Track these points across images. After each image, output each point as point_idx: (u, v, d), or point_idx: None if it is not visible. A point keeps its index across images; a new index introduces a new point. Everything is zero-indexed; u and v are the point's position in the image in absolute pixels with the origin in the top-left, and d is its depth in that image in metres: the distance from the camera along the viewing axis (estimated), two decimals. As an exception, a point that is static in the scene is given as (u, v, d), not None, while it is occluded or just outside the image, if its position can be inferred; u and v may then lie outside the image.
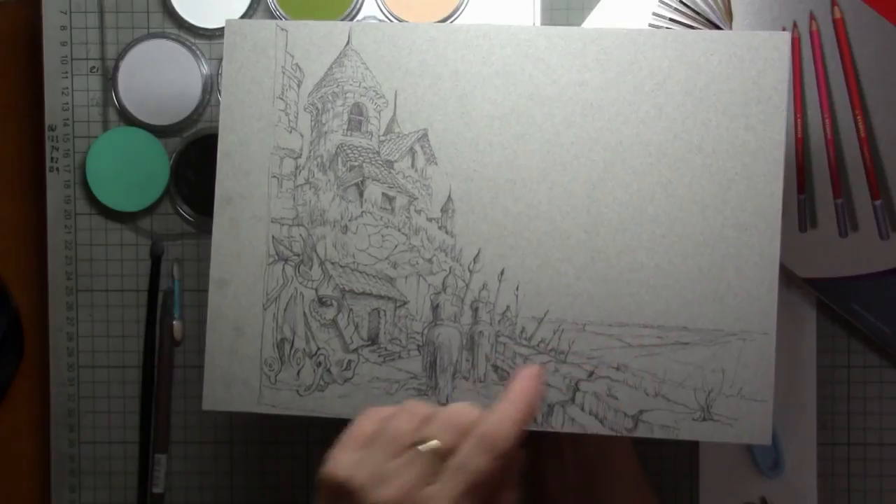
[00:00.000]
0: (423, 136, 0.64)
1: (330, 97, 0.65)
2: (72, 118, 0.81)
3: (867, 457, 0.81)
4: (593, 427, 0.62)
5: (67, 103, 0.81)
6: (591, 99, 0.63)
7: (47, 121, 0.80)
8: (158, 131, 0.80)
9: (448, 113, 0.64)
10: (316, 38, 0.64)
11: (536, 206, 0.63)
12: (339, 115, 0.65)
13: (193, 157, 0.80)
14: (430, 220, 0.64)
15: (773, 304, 0.62)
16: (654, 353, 0.62)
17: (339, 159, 0.65)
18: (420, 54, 0.64)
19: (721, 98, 0.62)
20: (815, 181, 0.78)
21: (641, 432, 0.62)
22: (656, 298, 0.62)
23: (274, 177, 0.65)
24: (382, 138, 0.64)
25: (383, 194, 0.64)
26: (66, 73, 0.80)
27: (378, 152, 0.64)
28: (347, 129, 0.65)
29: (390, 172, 0.64)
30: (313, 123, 0.65)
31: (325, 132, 0.65)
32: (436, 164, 0.64)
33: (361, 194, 0.64)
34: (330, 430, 0.82)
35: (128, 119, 0.80)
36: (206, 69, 0.80)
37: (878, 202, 0.78)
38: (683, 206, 0.62)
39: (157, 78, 0.80)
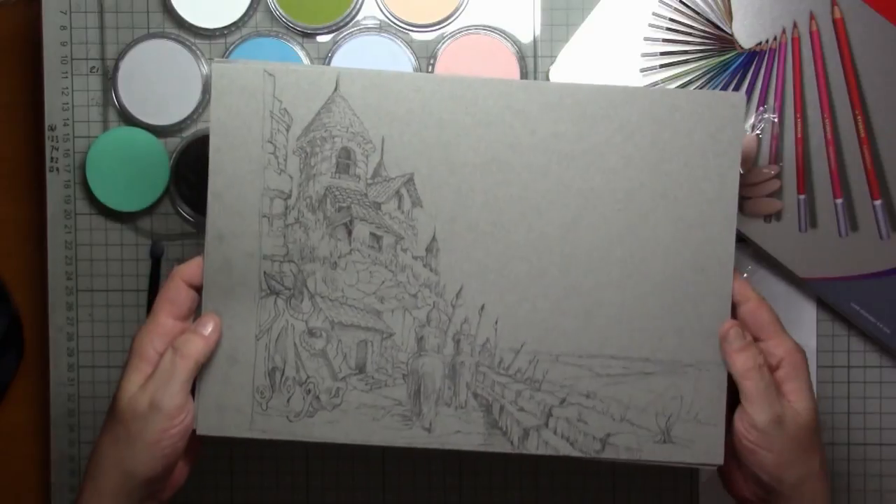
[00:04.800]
0: (410, 181, 0.67)
1: (318, 141, 0.67)
2: (72, 118, 0.81)
3: (867, 457, 0.81)
4: (565, 449, 0.67)
5: (67, 103, 0.81)
6: (565, 149, 0.67)
7: (47, 121, 0.80)
8: (158, 131, 0.80)
9: (433, 159, 0.66)
10: (304, 84, 0.66)
11: (515, 246, 0.67)
12: (328, 158, 0.67)
13: (193, 157, 0.80)
14: (415, 258, 0.67)
15: None
16: (620, 382, 0.67)
17: (328, 200, 0.67)
18: (406, 103, 0.66)
19: (683, 151, 0.66)
20: (815, 181, 0.78)
21: (609, 454, 0.67)
22: (622, 332, 0.67)
23: (265, 216, 0.67)
24: (370, 181, 0.67)
25: (371, 234, 0.67)
26: (66, 73, 0.80)
27: (366, 194, 0.67)
28: (336, 172, 0.67)
29: (378, 213, 0.67)
30: (302, 166, 0.67)
31: (314, 174, 0.67)
32: (421, 206, 0.67)
33: (350, 233, 0.67)
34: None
35: (128, 119, 0.80)
36: (206, 69, 0.80)
37: (878, 202, 0.78)
38: (647, 249, 0.67)
39: (157, 78, 0.80)
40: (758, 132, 0.78)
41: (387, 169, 0.66)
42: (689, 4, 0.79)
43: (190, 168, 0.80)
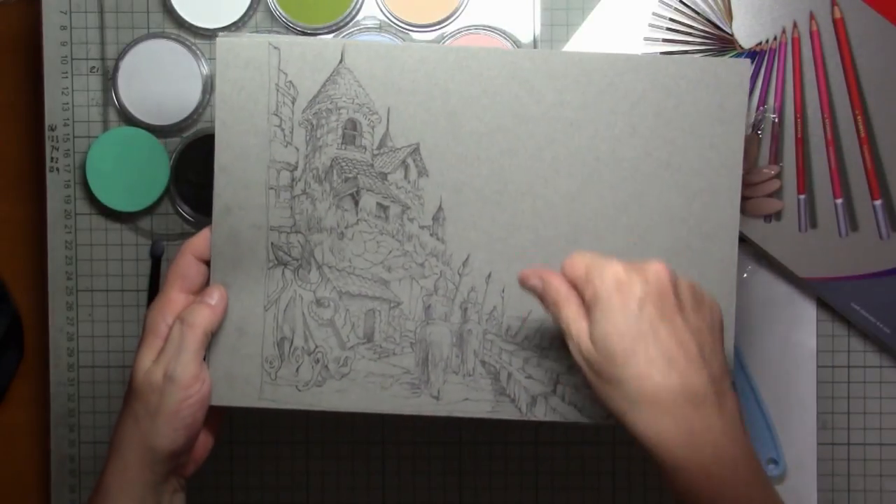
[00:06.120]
0: (415, 150, 0.67)
1: (324, 113, 0.67)
2: (72, 118, 0.81)
3: (867, 457, 0.81)
4: (572, 416, 0.67)
5: (67, 103, 0.81)
6: (571, 118, 0.67)
7: (47, 121, 0.80)
8: (158, 131, 0.80)
9: (439, 129, 0.67)
10: (309, 57, 0.66)
11: (521, 215, 0.67)
12: (334, 129, 0.67)
13: (193, 157, 0.80)
14: (422, 227, 0.67)
15: (732, 306, 0.67)
16: None
17: (335, 171, 0.67)
18: (411, 73, 0.66)
19: (688, 119, 0.66)
20: (815, 181, 0.78)
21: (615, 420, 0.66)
22: None
23: (271, 188, 0.67)
24: (376, 152, 0.67)
25: (378, 203, 0.67)
26: (66, 73, 0.80)
27: (372, 165, 0.67)
28: (342, 143, 0.67)
29: (384, 183, 0.67)
30: (308, 138, 0.67)
31: (320, 146, 0.67)
32: (427, 176, 0.67)
33: (357, 203, 0.67)
34: (329, 430, 0.82)
35: (128, 119, 0.80)
36: (206, 69, 0.80)
37: (878, 202, 0.78)
38: (653, 217, 0.67)
39: (157, 78, 0.80)
40: (758, 132, 0.78)
41: (393, 139, 0.67)
42: (689, 4, 0.79)
43: (190, 168, 0.80)
